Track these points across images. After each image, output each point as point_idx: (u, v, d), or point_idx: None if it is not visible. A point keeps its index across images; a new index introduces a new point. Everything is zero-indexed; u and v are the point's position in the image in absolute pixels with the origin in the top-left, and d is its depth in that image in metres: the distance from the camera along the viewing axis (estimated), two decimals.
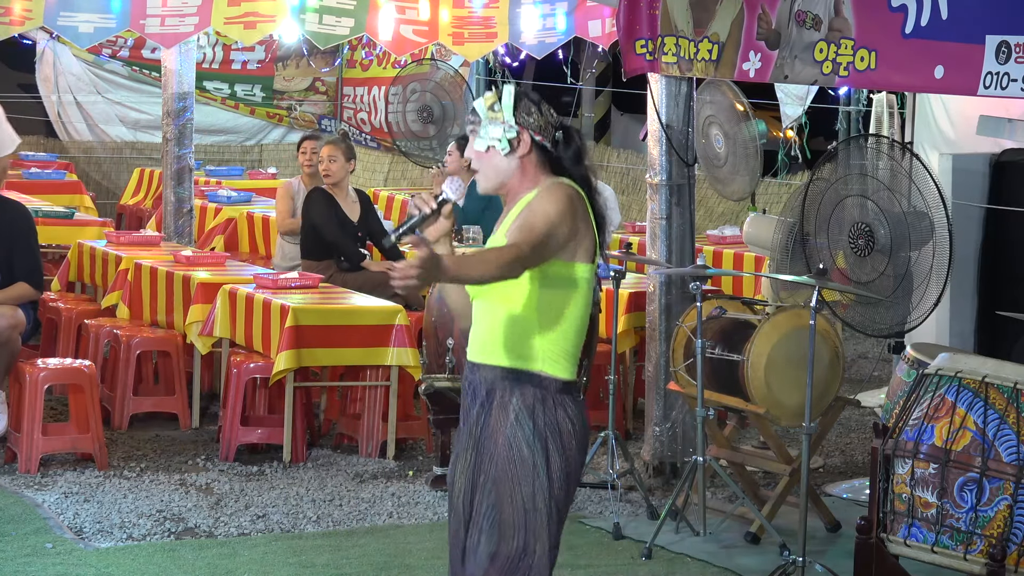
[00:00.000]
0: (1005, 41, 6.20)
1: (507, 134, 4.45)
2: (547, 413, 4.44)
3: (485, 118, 4.47)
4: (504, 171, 4.49)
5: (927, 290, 7.40)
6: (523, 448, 4.42)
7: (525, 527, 4.45)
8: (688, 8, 7.77)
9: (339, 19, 11.55)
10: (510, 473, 4.42)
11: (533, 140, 4.48)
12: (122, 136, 17.25)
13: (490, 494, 4.44)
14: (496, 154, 4.47)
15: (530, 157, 4.50)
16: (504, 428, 4.43)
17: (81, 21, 11.06)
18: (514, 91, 4.49)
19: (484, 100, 4.49)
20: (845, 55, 6.93)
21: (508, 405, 4.44)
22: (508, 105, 4.46)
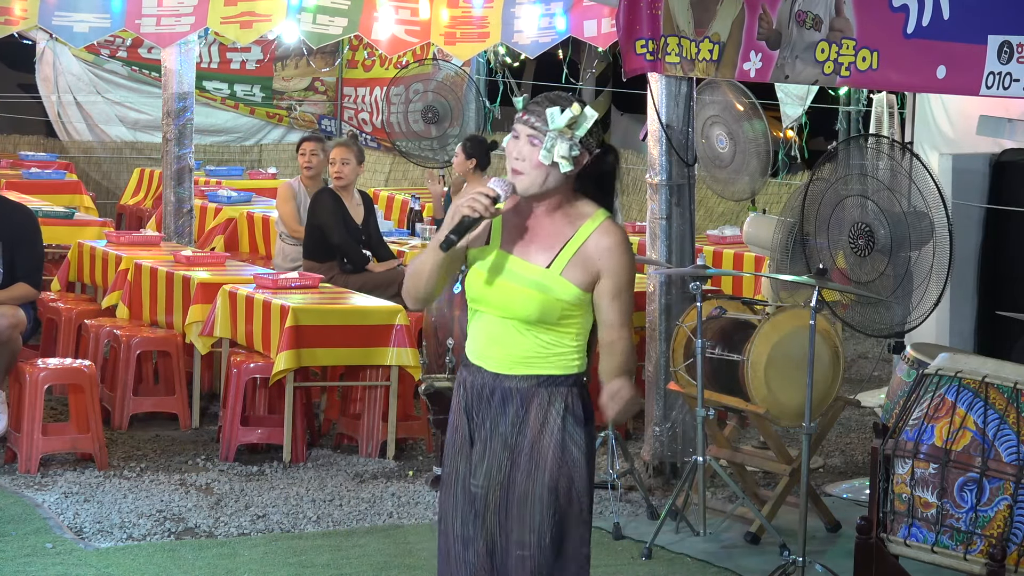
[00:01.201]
0: (1007, 41, 6.20)
1: (573, 152, 4.45)
2: (576, 405, 4.51)
3: (557, 131, 4.43)
4: (552, 184, 4.48)
5: (927, 290, 7.40)
6: (572, 448, 4.48)
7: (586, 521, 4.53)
8: (689, 8, 7.77)
9: (332, 19, 11.56)
10: (565, 476, 4.47)
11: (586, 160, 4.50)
12: (122, 136, 17.25)
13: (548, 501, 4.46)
14: (556, 170, 4.46)
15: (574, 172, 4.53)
16: (548, 433, 4.47)
17: (76, 21, 11.06)
18: (596, 117, 4.49)
19: (566, 115, 4.43)
20: (846, 55, 6.93)
21: (549, 409, 4.48)
22: (586, 128, 4.46)
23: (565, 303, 4.45)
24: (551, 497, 4.46)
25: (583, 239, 4.47)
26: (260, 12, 11.27)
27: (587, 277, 4.45)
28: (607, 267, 4.46)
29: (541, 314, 4.46)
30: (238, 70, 17.42)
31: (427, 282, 4.57)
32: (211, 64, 17.09)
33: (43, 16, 11.03)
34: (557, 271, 4.46)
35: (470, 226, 4.44)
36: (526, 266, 4.50)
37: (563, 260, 4.47)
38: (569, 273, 4.45)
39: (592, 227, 4.47)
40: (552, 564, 4.48)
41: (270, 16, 11.34)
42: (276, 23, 11.53)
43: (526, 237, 4.52)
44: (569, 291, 4.45)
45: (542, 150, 4.44)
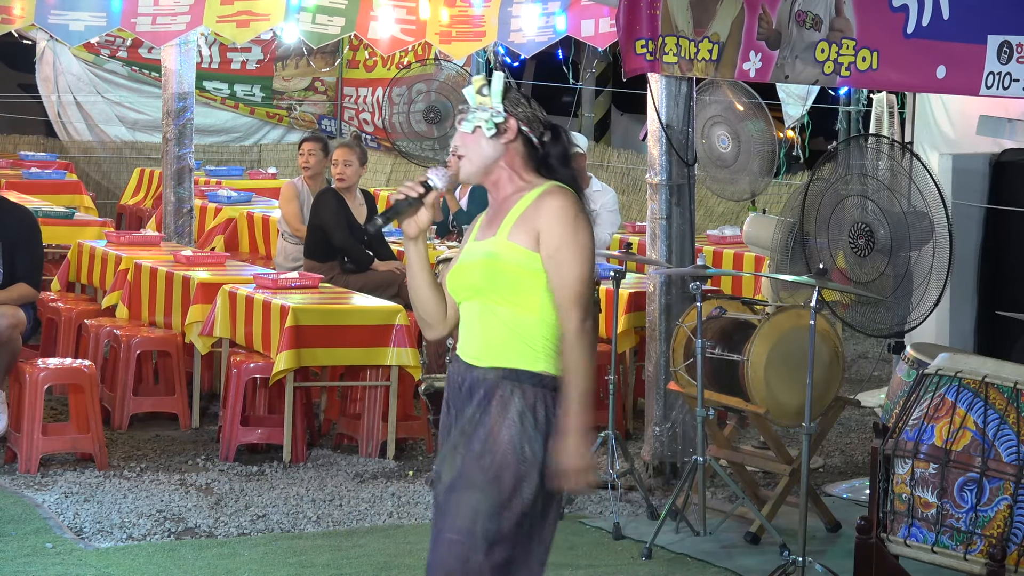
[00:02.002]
0: (1007, 41, 6.20)
1: (494, 117, 4.45)
2: (548, 410, 4.44)
3: (473, 102, 4.48)
4: (489, 155, 4.48)
5: (927, 290, 7.40)
6: (525, 447, 4.41)
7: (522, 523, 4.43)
8: (688, 8, 7.77)
9: (331, 18, 11.56)
10: (512, 471, 4.40)
11: (520, 129, 4.48)
12: (122, 136, 17.25)
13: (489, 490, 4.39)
14: (482, 136, 4.46)
15: (516, 146, 4.49)
16: (505, 426, 4.41)
17: (72, 19, 11.06)
18: (503, 79, 4.49)
19: (473, 84, 4.50)
20: (846, 55, 6.93)
21: (510, 404, 4.42)
22: (497, 91, 4.47)
23: (511, 264, 4.41)
24: (492, 488, 4.39)
25: (527, 203, 4.45)
26: (257, 11, 11.26)
27: (531, 236, 4.40)
28: (544, 225, 4.40)
29: (488, 278, 4.43)
30: (238, 70, 17.42)
31: (425, 302, 4.57)
32: (211, 64, 17.09)
33: (39, 14, 11.03)
34: (503, 236, 4.44)
35: (401, 211, 4.45)
36: (479, 243, 4.52)
37: (508, 225, 4.45)
38: (514, 235, 4.42)
39: (538, 192, 4.46)
40: (483, 559, 4.38)
41: (268, 15, 11.33)
42: (274, 23, 11.52)
43: (488, 223, 4.55)
44: (513, 251, 4.41)
45: (464, 122, 4.47)
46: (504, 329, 4.44)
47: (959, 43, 6.39)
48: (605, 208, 10.40)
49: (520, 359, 4.43)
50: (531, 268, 4.41)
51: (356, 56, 17.27)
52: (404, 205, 4.47)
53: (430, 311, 4.59)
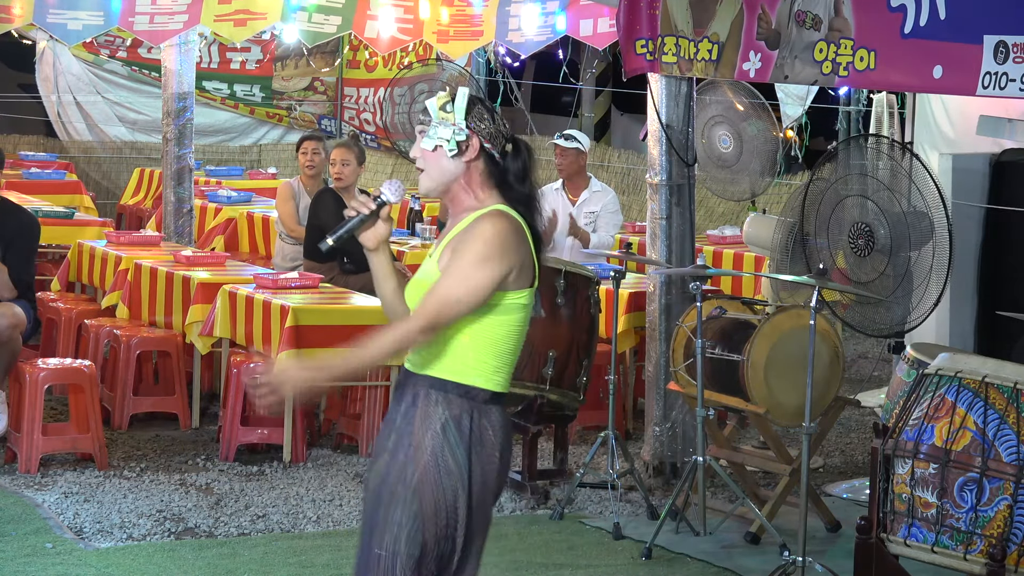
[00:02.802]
0: (1003, 41, 6.20)
1: (456, 136, 4.40)
2: (473, 423, 4.37)
3: (436, 118, 4.42)
4: (449, 173, 4.42)
5: (927, 290, 7.40)
6: (448, 458, 4.35)
7: (448, 536, 4.37)
8: (688, 8, 7.77)
9: (328, 17, 11.55)
10: (433, 482, 4.34)
11: (482, 147, 4.41)
12: (122, 136, 17.25)
13: (412, 503, 4.34)
14: (443, 155, 4.41)
15: (476, 164, 4.42)
16: (428, 438, 4.35)
17: (70, 18, 11.05)
18: (469, 95, 4.43)
19: (436, 100, 4.44)
20: (845, 55, 6.94)
21: (433, 414, 4.36)
22: (461, 108, 4.40)
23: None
24: (415, 502, 4.33)
25: (466, 224, 4.39)
26: (255, 10, 11.25)
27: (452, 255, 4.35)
28: (461, 244, 4.34)
29: (420, 291, 4.39)
30: (238, 70, 17.41)
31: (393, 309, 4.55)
32: (211, 64, 17.09)
33: (38, 14, 11.03)
34: (435, 260, 4.41)
35: (354, 228, 4.43)
36: (426, 262, 4.48)
37: (442, 247, 4.41)
38: (443, 259, 4.38)
39: (479, 214, 4.40)
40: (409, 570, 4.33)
41: (265, 14, 11.31)
42: (271, 21, 11.50)
43: (440, 239, 4.50)
44: (438, 273, 4.35)
45: (425, 137, 4.43)
46: (439, 342, 4.39)
47: (956, 43, 6.39)
48: (606, 209, 10.40)
49: (450, 371, 4.38)
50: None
51: (357, 56, 17.26)
52: (356, 223, 4.43)
53: (399, 315, 4.54)
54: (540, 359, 7.79)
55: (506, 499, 7.94)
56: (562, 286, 7.89)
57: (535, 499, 7.88)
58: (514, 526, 7.54)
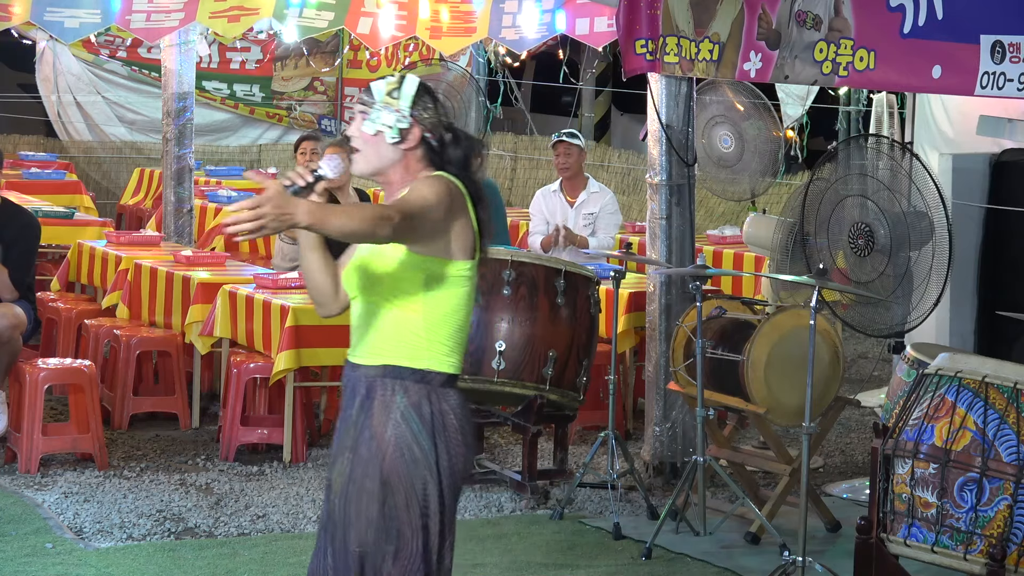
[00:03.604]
0: (999, 41, 6.20)
1: (399, 123, 4.40)
2: (433, 407, 4.38)
3: (380, 102, 4.40)
4: (386, 159, 4.42)
5: (927, 290, 7.40)
6: (413, 446, 4.34)
7: (424, 526, 4.36)
8: (689, 8, 7.77)
9: (320, 12, 11.55)
10: (401, 472, 4.33)
11: (422, 136, 4.42)
12: (122, 136, 17.25)
13: (381, 496, 4.33)
14: (382, 140, 4.41)
15: (415, 152, 4.43)
16: (390, 427, 4.35)
17: (67, 16, 11.05)
18: (417, 83, 4.44)
19: (385, 84, 4.42)
20: (845, 55, 6.94)
21: (392, 403, 4.36)
22: (408, 95, 4.41)
23: (389, 261, 4.34)
24: (383, 491, 4.32)
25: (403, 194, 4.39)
26: (248, 6, 11.23)
27: None
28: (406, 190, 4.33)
29: (368, 277, 4.38)
30: (237, 70, 17.41)
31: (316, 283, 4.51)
32: (210, 64, 17.09)
33: (35, 12, 11.03)
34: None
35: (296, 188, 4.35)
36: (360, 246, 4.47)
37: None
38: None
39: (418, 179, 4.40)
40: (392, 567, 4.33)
41: (257, 9, 11.29)
42: (264, 15, 11.48)
43: None
44: (390, 248, 4.34)
45: (367, 120, 4.41)
46: (387, 327, 4.38)
47: (953, 43, 6.39)
48: (605, 210, 10.40)
49: (402, 356, 4.37)
50: (409, 264, 4.35)
51: (358, 56, 17.26)
52: (291, 192, 4.32)
53: (321, 290, 4.52)
54: (540, 359, 7.79)
55: (506, 499, 7.94)
56: (562, 286, 7.89)
57: (535, 499, 7.88)
58: (514, 526, 7.54)
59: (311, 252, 4.48)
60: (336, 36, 15.92)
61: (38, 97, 17.15)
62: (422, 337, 4.38)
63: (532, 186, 14.93)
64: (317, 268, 4.50)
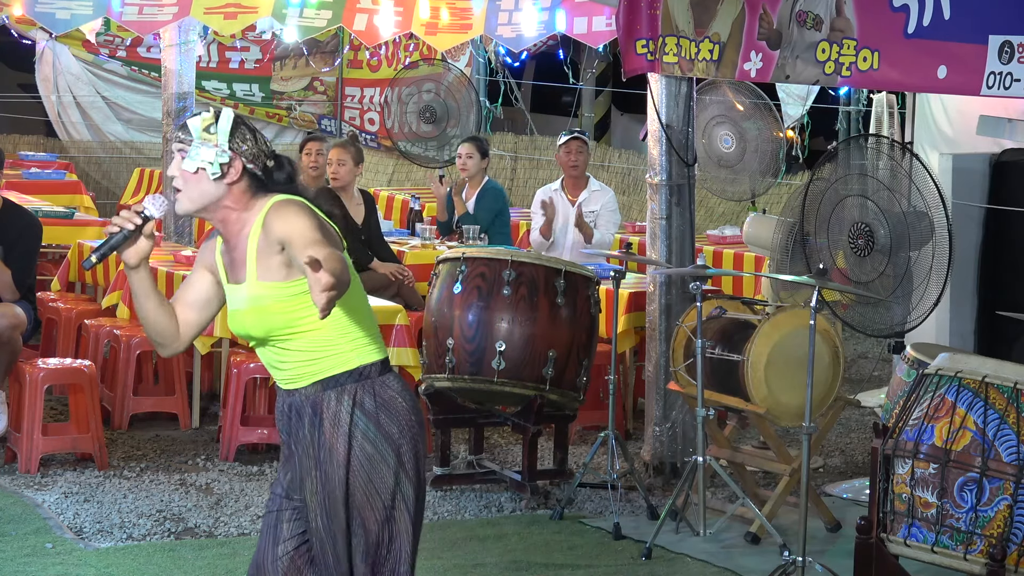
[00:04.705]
0: (1008, 41, 6.20)
1: (219, 158, 4.40)
2: (377, 399, 4.42)
3: (198, 138, 4.41)
4: (210, 195, 4.42)
5: (927, 290, 7.40)
6: (366, 445, 4.39)
7: (390, 518, 4.43)
8: (689, 8, 7.77)
9: (319, 12, 11.53)
10: (364, 471, 4.39)
11: (244, 168, 4.42)
12: (122, 136, 17.25)
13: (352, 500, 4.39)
14: (204, 177, 4.41)
15: (239, 184, 4.43)
16: (344, 434, 4.39)
17: (58, 8, 11.05)
18: (233, 116, 4.43)
19: (200, 120, 4.42)
20: (848, 55, 6.94)
21: (340, 412, 4.40)
22: (224, 130, 4.41)
23: (276, 303, 4.36)
24: (346, 498, 4.39)
25: (258, 234, 4.39)
26: (246, 3, 11.22)
27: (277, 266, 4.34)
28: (280, 235, 4.31)
29: (261, 326, 4.40)
30: (236, 70, 17.40)
31: (155, 325, 4.50)
32: (209, 64, 17.09)
33: (28, 4, 11.03)
34: (254, 279, 4.39)
35: (116, 245, 4.38)
36: (236, 288, 4.46)
37: (252, 265, 4.40)
38: (262, 273, 4.38)
39: (262, 217, 4.39)
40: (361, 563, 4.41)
41: (256, 8, 11.28)
42: (262, 15, 11.47)
43: (230, 261, 4.48)
44: (270, 289, 4.36)
45: (187, 158, 4.41)
46: (305, 352, 4.41)
47: (960, 43, 6.39)
48: (606, 208, 10.40)
49: (333, 366, 4.41)
50: (295, 295, 4.36)
51: (358, 56, 17.25)
52: (119, 238, 4.37)
53: (162, 332, 4.52)
54: (540, 359, 7.79)
55: (506, 499, 7.94)
56: (562, 286, 7.89)
57: (535, 499, 7.88)
58: (514, 526, 7.54)
59: (147, 299, 4.48)
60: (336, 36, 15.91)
61: (38, 97, 17.15)
62: (341, 343, 4.41)
63: (532, 186, 14.93)
64: (155, 313, 4.49)
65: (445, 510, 7.75)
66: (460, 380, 7.87)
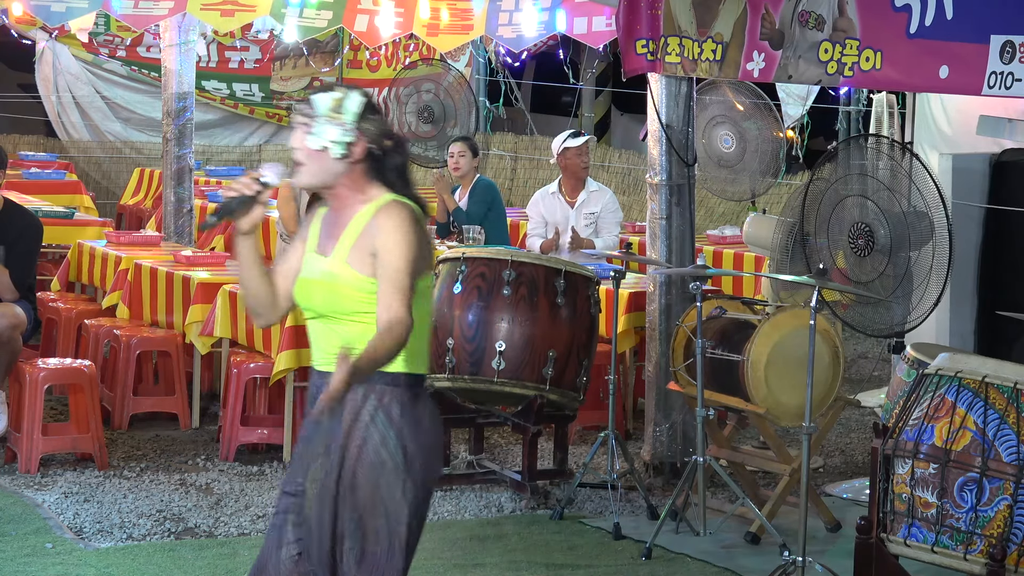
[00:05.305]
0: (1010, 41, 6.21)
1: (345, 138, 4.42)
2: (404, 410, 4.41)
3: (324, 116, 4.42)
4: (331, 173, 4.44)
5: (927, 290, 7.40)
6: (380, 450, 4.38)
7: (392, 531, 4.40)
8: (691, 8, 7.77)
9: (319, 12, 11.53)
10: (373, 475, 4.37)
11: (367, 149, 4.45)
12: (121, 136, 17.25)
13: (352, 499, 4.38)
14: (327, 156, 4.43)
15: (360, 164, 4.45)
16: (361, 431, 4.38)
17: (54, 0, 11.05)
18: (362, 99, 4.45)
19: (329, 98, 4.42)
20: (850, 55, 6.94)
21: (362, 408, 4.39)
22: (353, 111, 4.42)
23: (350, 287, 4.39)
24: (352, 497, 4.37)
25: (366, 219, 4.42)
26: (243, 1, 11.21)
27: (367, 260, 4.38)
28: (380, 244, 4.36)
29: (328, 301, 4.42)
30: (236, 69, 17.40)
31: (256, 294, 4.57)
32: (209, 63, 17.08)
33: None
34: (341, 257, 4.42)
35: (234, 208, 4.42)
36: (318, 258, 4.49)
37: (346, 244, 4.43)
38: (352, 258, 4.40)
39: (374, 208, 4.42)
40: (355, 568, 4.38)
41: (254, 6, 11.27)
42: (260, 13, 11.46)
43: (326, 233, 4.52)
44: (351, 275, 4.39)
45: (310, 135, 4.42)
46: (353, 340, 4.39)
47: (962, 43, 6.39)
48: (607, 209, 10.39)
49: None
50: (368, 291, 4.38)
51: (358, 56, 17.26)
52: (237, 203, 4.41)
53: (261, 302, 4.57)
54: (540, 359, 7.79)
55: (506, 499, 7.94)
56: (562, 286, 7.89)
57: (535, 499, 7.88)
58: (514, 526, 7.54)
59: (252, 267, 4.56)
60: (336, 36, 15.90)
61: (38, 97, 17.16)
62: None
63: (532, 186, 14.94)
64: (257, 282, 4.57)
65: (445, 510, 7.75)
66: (460, 380, 7.87)
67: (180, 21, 11.25)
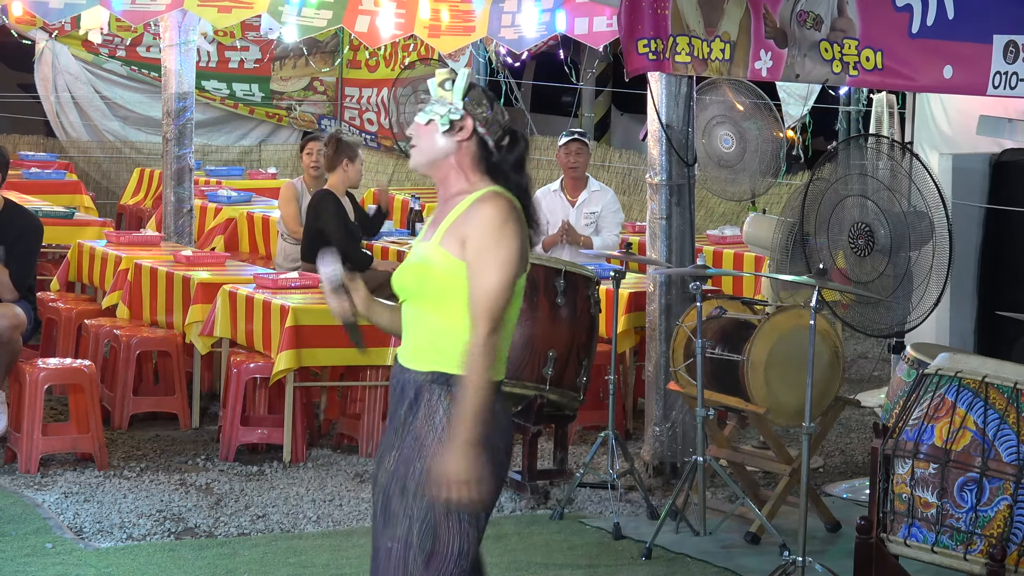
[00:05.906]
0: (1013, 41, 6.20)
1: (451, 114, 4.45)
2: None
3: (434, 94, 4.48)
4: (439, 149, 4.47)
5: (927, 290, 7.40)
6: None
7: (460, 530, 4.38)
8: (698, 7, 7.74)
9: (319, 11, 11.53)
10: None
11: (475, 130, 4.47)
12: (121, 136, 17.25)
13: (421, 498, 4.37)
14: (435, 129, 4.46)
15: (468, 145, 4.47)
16: (434, 431, 4.38)
17: None
18: (469, 78, 4.50)
19: (437, 77, 4.50)
20: (850, 55, 6.93)
21: (437, 410, 4.39)
22: (459, 88, 4.47)
23: (440, 270, 4.38)
24: (421, 492, 4.36)
25: (465, 207, 4.43)
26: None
27: (459, 243, 4.38)
28: (471, 231, 4.37)
29: (417, 282, 4.43)
30: (236, 69, 17.40)
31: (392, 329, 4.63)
32: (209, 63, 17.08)
33: None
34: (437, 241, 4.43)
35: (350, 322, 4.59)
36: (420, 244, 4.52)
37: (443, 228, 4.44)
38: (446, 241, 4.41)
39: (476, 196, 4.44)
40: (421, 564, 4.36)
41: (252, 3, 11.27)
42: (258, 10, 11.45)
43: (433, 222, 4.53)
44: (443, 257, 4.39)
45: (421, 112, 4.48)
46: (434, 334, 4.41)
47: (965, 43, 6.38)
48: (608, 209, 10.40)
49: (450, 363, 4.39)
50: (459, 276, 4.38)
51: (357, 56, 17.26)
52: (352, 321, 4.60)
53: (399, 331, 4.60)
54: (540, 359, 7.79)
55: (506, 499, 7.94)
56: (562, 286, 7.89)
57: (535, 499, 7.88)
58: (514, 526, 7.54)
59: (376, 317, 4.65)
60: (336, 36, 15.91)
61: (38, 97, 17.16)
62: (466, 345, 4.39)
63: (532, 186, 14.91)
64: (387, 321, 4.65)
65: None
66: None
67: (180, 21, 11.25)
